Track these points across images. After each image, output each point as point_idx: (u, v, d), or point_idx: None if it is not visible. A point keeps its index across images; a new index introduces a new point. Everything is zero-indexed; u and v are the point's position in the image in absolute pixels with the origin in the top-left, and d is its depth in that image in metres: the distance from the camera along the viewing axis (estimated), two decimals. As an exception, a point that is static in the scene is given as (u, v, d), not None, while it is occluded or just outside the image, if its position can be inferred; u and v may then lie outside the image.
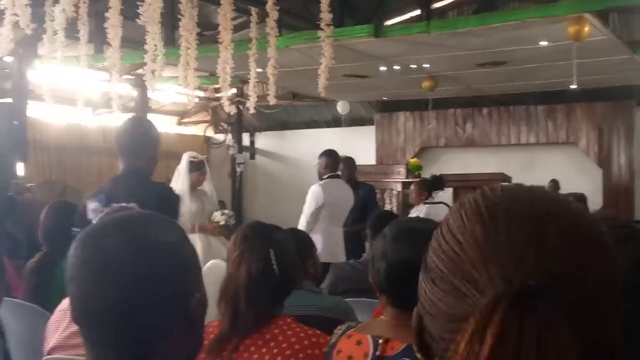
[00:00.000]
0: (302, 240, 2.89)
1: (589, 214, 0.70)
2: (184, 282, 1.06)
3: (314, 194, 5.86)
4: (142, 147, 3.40)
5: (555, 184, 9.78)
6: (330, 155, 6.11)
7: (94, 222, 3.40)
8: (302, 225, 5.91)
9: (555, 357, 0.56)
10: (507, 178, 8.47)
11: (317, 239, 5.76)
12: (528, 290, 0.58)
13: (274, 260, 2.04)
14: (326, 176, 5.98)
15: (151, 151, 3.44)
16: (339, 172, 6.22)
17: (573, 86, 7.33)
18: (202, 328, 1.12)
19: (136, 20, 5.81)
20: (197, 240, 5.25)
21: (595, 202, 10.01)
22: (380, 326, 1.80)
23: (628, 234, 0.95)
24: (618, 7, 8.57)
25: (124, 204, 2.95)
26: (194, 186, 5.73)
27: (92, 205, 3.27)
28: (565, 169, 10.86)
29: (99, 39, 7.82)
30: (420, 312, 0.71)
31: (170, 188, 3.69)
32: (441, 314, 0.67)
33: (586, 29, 6.04)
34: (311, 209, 5.83)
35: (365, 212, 6.07)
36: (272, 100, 6.87)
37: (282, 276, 2.06)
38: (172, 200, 3.40)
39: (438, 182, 6.98)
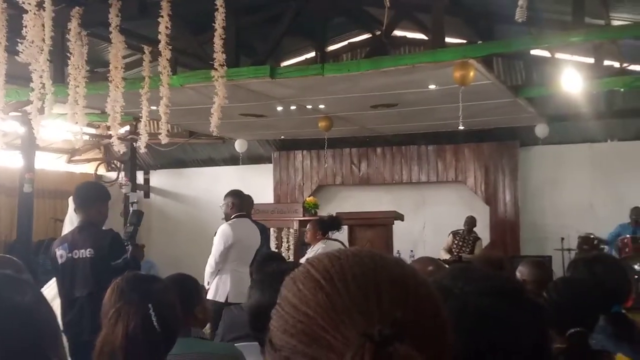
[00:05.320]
0: (190, 285, 2.81)
1: (407, 264, 0.78)
2: (39, 345, 1.01)
3: (223, 234, 5.80)
4: (93, 205, 4.38)
5: (471, 220, 10.16)
6: (235, 195, 6.09)
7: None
8: (210, 266, 5.82)
9: None
10: (399, 216, 8.67)
11: (226, 280, 5.72)
12: (386, 338, 0.63)
13: (153, 315, 1.91)
14: (233, 216, 5.95)
15: (101, 208, 4.42)
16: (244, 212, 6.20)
17: (460, 127, 7.63)
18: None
19: (16, 57, 5.61)
20: None
21: (483, 238, 10.43)
22: (264, 375, 1.77)
23: (488, 288, 0.99)
24: (501, 53, 9.09)
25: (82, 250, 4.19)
26: None
27: (59, 252, 4.28)
28: (454, 206, 11.28)
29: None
30: None
31: (117, 233, 4.44)
32: None
33: (471, 73, 6.32)
34: (220, 249, 5.77)
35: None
36: (164, 140, 6.77)
37: (164, 331, 1.93)
38: (120, 243, 4.33)
39: (334, 223, 7.03)
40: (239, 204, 6.04)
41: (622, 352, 2.05)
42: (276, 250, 8.32)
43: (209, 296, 5.71)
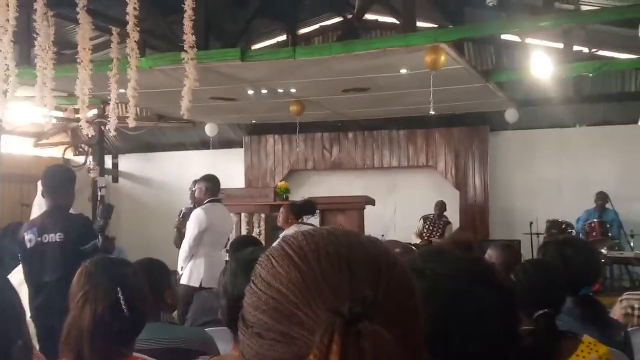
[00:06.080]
0: (159, 270, 2.78)
1: (382, 244, 0.77)
2: (4, 329, 0.98)
3: (197, 219, 5.79)
4: (62, 189, 4.30)
5: (441, 204, 10.22)
6: (209, 180, 6.06)
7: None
8: (184, 250, 5.80)
9: None
10: (370, 200, 8.69)
11: (200, 264, 5.71)
12: (356, 316, 0.63)
13: (122, 299, 1.88)
14: (206, 201, 5.93)
15: (69, 191, 4.34)
16: (219, 197, 6.17)
17: (431, 112, 7.65)
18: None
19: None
20: None
21: (453, 222, 10.52)
22: (232, 361, 1.76)
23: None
24: (472, 38, 9.12)
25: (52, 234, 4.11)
26: None
27: (28, 236, 4.18)
28: (425, 191, 11.34)
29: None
30: None
31: (88, 218, 4.43)
32: None
33: (442, 58, 6.34)
34: (194, 234, 5.75)
35: None
36: (132, 123, 6.68)
37: (132, 315, 1.90)
38: (90, 227, 4.31)
39: (308, 207, 6.98)
40: (213, 189, 6.02)
41: (589, 333, 2.08)
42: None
43: (183, 281, 5.69)
